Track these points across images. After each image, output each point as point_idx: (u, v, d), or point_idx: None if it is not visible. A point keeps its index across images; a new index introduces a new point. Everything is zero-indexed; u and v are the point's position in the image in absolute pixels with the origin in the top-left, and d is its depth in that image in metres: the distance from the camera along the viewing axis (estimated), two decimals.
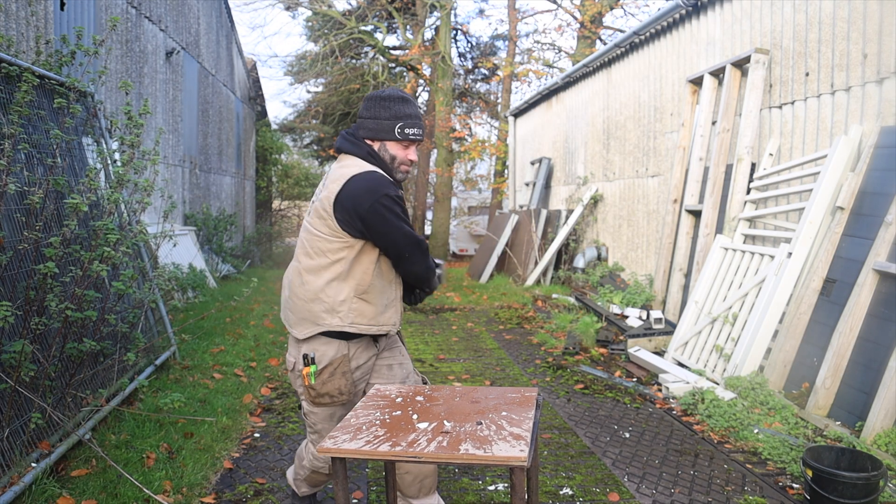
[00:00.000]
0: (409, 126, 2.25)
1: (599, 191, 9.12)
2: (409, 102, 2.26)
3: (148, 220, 5.74)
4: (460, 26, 19.52)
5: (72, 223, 3.13)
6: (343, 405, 2.32)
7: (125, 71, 7.24)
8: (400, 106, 2.24)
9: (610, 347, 5.97)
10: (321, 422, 2.34)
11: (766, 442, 3.64)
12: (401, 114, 2.24)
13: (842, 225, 4.30)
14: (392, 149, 2.27)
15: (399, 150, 2.28)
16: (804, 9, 4.95)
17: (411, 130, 2.25)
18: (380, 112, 2.23)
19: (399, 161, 2.29)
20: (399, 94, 2.25)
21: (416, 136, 2.26)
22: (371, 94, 2.26)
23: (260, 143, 16.35)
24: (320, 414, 2.32)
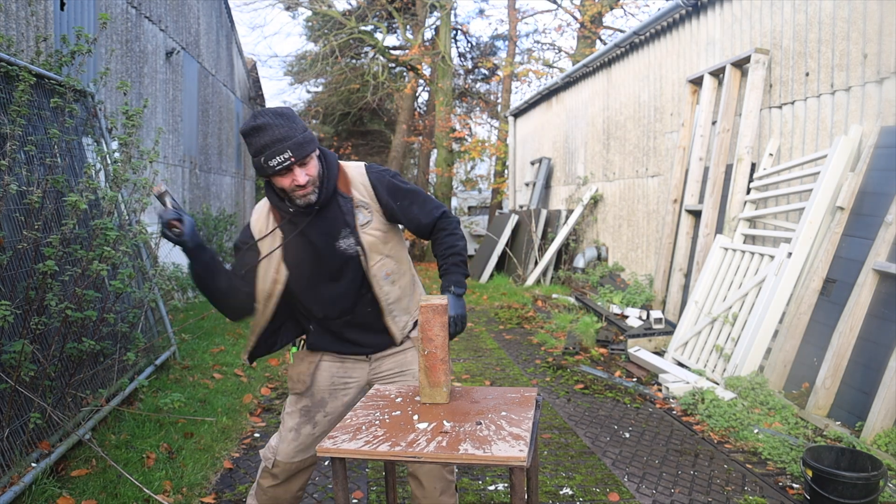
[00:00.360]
0: (269, 157, 1.93)
1: (599, 191, 9.12)
2: (261, 130, 1.93)
3: (148, 220, 5.74)
4: (460, 26, 19.53)
5: (71, 222, 3.13)
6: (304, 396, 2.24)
7: (125, 71, 7.24)
8: (255, 138, 1.94)
9: (610, 347, 5.97)
10: (288, 405, 2.29)
11: (766, 442, 3.64)
12: (259, 146, 1.93)
13: (842, 225, 4.30)
14: (277, 182, 2.00)
15: (281, 180, 1.99)
16: (804, 9, 4.95)
17: (274, 161, 1.93)
18: (249, 149, 1.99)
19: (290, 190, 2.01)
20: (250, 125, 1.95)
21: (281, 166, 1.93)
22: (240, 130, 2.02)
23: None
24: (291, 398, 2.29)
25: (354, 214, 2.11)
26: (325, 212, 2.10)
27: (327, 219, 2.10)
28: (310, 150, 1.97)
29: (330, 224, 2.11)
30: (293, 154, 1.93)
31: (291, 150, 1.93)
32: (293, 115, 2.01)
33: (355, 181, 2.15)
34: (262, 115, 1.96)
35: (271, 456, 2.24)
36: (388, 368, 2.28)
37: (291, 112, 2.01)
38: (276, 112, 1.97)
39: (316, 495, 3.11)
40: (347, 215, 2.11)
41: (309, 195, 2.02)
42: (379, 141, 21.74)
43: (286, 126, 1.93)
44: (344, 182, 2.13)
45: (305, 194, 2.02)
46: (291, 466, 2.22)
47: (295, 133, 1.94)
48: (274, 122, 1.93)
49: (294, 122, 1.97)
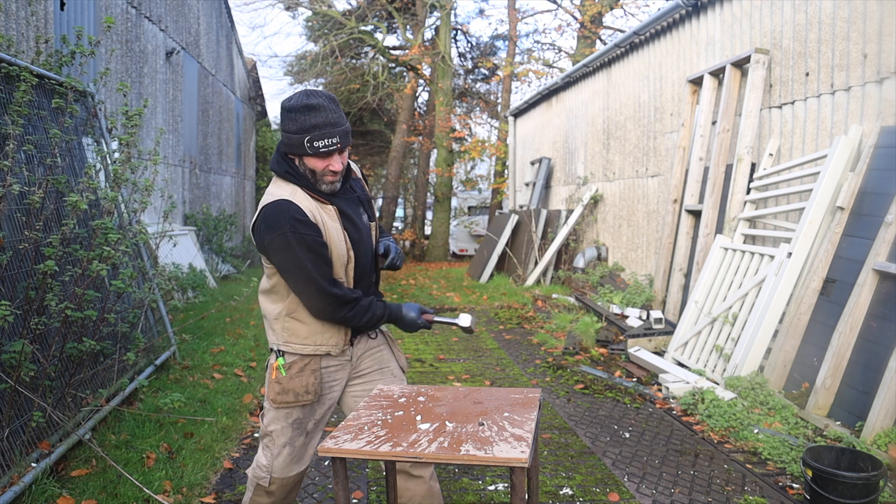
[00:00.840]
0: (317, 138, 1.97)
1: (599, 191, 9.12)
2: (315, 110, 1.96)
3: (148, 220, 5.74)
4: (460, 26, 19.53)
5: (71, 222, 3.13)
6: (303, 407, 2.15)
7: (125, 71, 7.24)
8: (305, 116, 1.96)
9: (610, 347, 5.97)
10: (276, 422, 2.16)
11: (766, 442, 3.64)
12: (307, 125, 1.96)
13: (842, 225, 4.30)
14: (310, 163, 2.04)
15: (317, 162, 2.03)
16: (804, 9, 4.95)
17: (321, 143, 1.97)
18: (288, 125, 2.00)
19: (320, 174, 2.05)
20: (303, 103, 1.97)
21: (327, 149, 1.98)
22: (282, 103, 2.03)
23: (260, 143, 16.35)
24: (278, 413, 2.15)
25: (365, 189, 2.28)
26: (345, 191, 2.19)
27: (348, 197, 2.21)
28: (350, 140, 2.06)
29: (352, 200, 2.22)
30: (340, 141, 2.00)
31: (340, 136, 2.00)
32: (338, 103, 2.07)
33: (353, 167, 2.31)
34: (315, 96, 1.99)
35: (265, 475, 2.18)
36: (367, 367, 2.28)
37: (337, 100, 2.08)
38: (328, 96, 2.01)
39: (316, 495, 3.11)
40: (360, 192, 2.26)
41: (336, 182, 2.10)
42: (379, 141, 21.73)
43: (338, 112, 2.01)
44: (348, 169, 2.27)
45: (334, 181, 2.08)
46: (288, 480, 2.20)
47: (344, 121, 2.02)
48: (328, 105, 1.98)
49: (341, 110, 2.04)
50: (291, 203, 2.02)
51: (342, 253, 2.11)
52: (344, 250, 2.12)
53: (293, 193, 2.06)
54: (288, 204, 2.02)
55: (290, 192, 2.07)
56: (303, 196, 2.07)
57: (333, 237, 2.08)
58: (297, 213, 2.01)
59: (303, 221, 2.01)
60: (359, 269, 2.19)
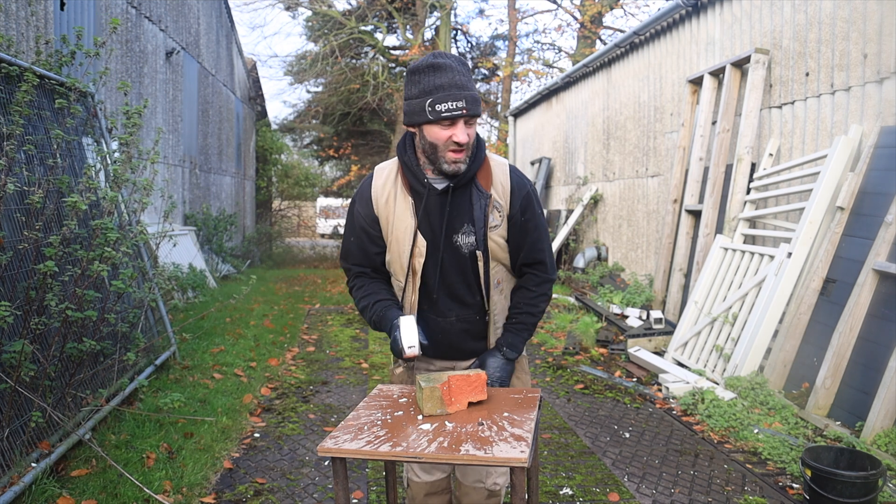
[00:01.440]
0: (440, 101, 1.73)
1: (599, 191, 9.12)
2: (442, 69, 1.74)
3: (148, 220, 5.74)
4: (460, 26, 19.55)
5: (71, 223, 3.13)
6: None
7: (125, 71, 7.24)
8: (429, 77, 1.74)
9: (610, 347, 5.97)
10: None
11: (766, 442, 3.64)
12: (430, 87, 1.74)
13: (842, 225, 4.30)
14: (431, 134, 1.79)
15: (439, 132, 1.77)
16: (804, 9, 4.95)
17: (444, 106, 1.73)
18: (410, 90, 1.79)
19: (442, 147, 1.79)
20: (429, 62, 1.76)
21: (450, 113, 1.73)
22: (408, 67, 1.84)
23: (260, 143, 16.35)
24: None
25: (487, 214, 1.91)
26: (455, 196, 1.90)
27: (454, 205, 1.90)
28: (479, 109, 1.79)
29: (454, 212, 1.91)
30: (467, 106, 1.74)
31: (467, 100, 1.74)
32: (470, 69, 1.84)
33: (496, 178, 1.94)
34: (442, 56, 1.77)
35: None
36: None
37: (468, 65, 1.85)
38: (458, 58, 1.79)
39: (316, 495, 3.11)
40: (477, 211, 1.91)
41: (461, 162, 1.82)
42: (379, 141, 21.73)
43: (467, 76, 1.77)
44: (485, 175, 1.93)
45: (458, 159, 1.81)
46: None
47: (472, 87, 1.78)
48: (456, 66, 1.76)
49: (471, 76, 1.81)
50: (373, 174, 1.98)
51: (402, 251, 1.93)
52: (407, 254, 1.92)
53: (387, 167, 1.98)
54: (369, 176, 1.99)
55: (388, 165, 1.98)
56: (390, 174, 1.95)
57: (398, 231, 1.92)
58: (365, 188, 1.97)
59: (363, 198, 1.96)
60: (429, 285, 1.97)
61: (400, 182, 1.94)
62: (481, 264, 1.94)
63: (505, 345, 1.99)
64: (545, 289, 2.04)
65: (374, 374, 5.31)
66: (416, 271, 1.94)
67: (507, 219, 1.95)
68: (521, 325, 2.02)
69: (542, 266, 2.03)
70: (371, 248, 2.00)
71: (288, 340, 6.37)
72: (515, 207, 1.94)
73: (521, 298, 2.03)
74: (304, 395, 4.72)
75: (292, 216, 21.55)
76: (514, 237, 1.97)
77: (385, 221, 1.96)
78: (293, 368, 5.41)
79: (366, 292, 2.01)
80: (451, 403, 1.73)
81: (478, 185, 1.91)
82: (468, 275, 1.97)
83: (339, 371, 5.39)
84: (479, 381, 1.77)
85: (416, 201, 1.91)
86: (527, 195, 1.96)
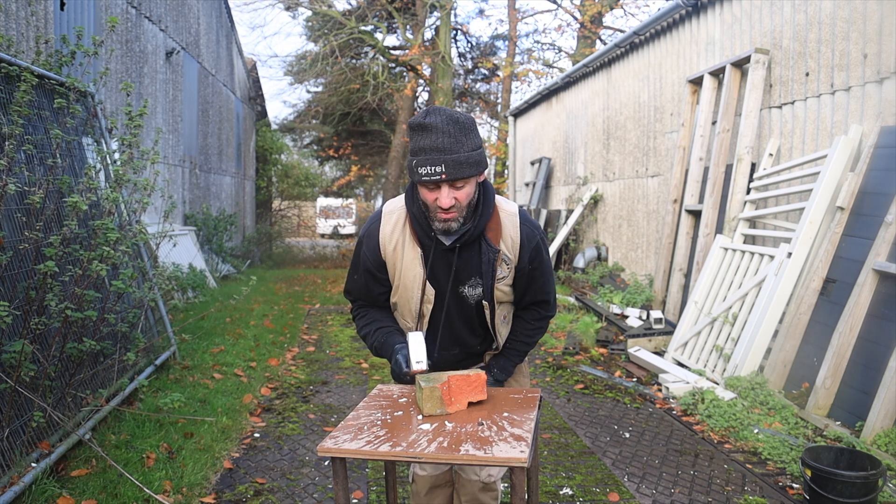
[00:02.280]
0: (421, 164, 1.71)
1: (599, 191, 9.12)
2: (427, 130, 1.70)
3: (148, 220, 5.74)
4: (460, 26, 19.55)
5: (72, 223, 3.13)
6: None
7: (125, 71, 7.24)
8: (417, 137, 1.72)
9: (610, 347, 5.97)
10: None
11: (766, 442, 3.64)
12: (416, 147, 1.73)
13: (842, 225, 4.30)
14: (421, 193, 1.79)
15: (426, 193, 1.77)
16: (804, 9, 4.95)
17: (423, 170, 1.70)
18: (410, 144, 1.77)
19: (431, 208, 1.79)
20: (418, 121, 1.72)
21: (429, 178, 1.71)
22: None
23: (260, 143, 16.36)
24: None
25: (495, 269, 1.92)
26: (462, 251, 1.90)
27: (462, 258, 1.91)
28: (468, 173, 1.73)
29: (462, 264, 1.92)
30: (446, 171, 1.70)
31: (446, 165, 1.69)
32: (470, 127, 1.75)
33: (506, 231, 1.93)
34: (434, 114, 1.73)
35: None
36: None
37: (471, 123, 1.76)
38: (451, 117, 1.73)
39: (316, 495, 3.11)
40: (486, 265, 1.91)
41: (450, 222, 1.79)
42: (379, 141, 21.74)
43: (454, 137, 1.70)
44: (495, 229, 1.91)
45: (446, 219, 1.79)
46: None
47: (459, 149, 1.71)
48: (443, 127, 1.70)
49: (467, 135, 1.73)
50: (380, 220, 1.96)
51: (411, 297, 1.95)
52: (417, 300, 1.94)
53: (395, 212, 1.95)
54: (377, 217, 1.97)
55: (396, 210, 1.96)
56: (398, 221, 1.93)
57: (406, 279, 1.94)
58: (374, 232, 1.96)
59: (371, 243, 1.95)
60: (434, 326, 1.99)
61: (408, 231, 1.92)
62: (488, 313, 1.98)
63: (496, 367, 2.07)
64: (543, 323, 2.11)
65: (374, 374, 5.31)
66: (425, 315, 1.98)
67: (515, 269, 1.97)
68: (514, 351, 2.09)
69: (546, 305, 2.09)
70: (376, 289, 2.03)
71: (288, 340, 6.37)
72: (524, 261, 1.96)
73: (519, 329, 2.09)
74: (304, 395, 4.72)
75: (292, 216, 21.56)
76: (520, 283, 2.00)
77: (392, 267, 1.97)
78: (293, 368, 5.41)
79: (368, 320, 2.05)
80: (450, 403, 1.73)
81: (486, 240, 1.91)
82: (473, 320, 2.02)
83: (339, 371, 5.39)
84: (479, 381, 1.78)
85: (424, 253, 1.91)
86: (536, 247, 1.96)
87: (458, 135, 1.72)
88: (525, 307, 2.08)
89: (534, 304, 2.07)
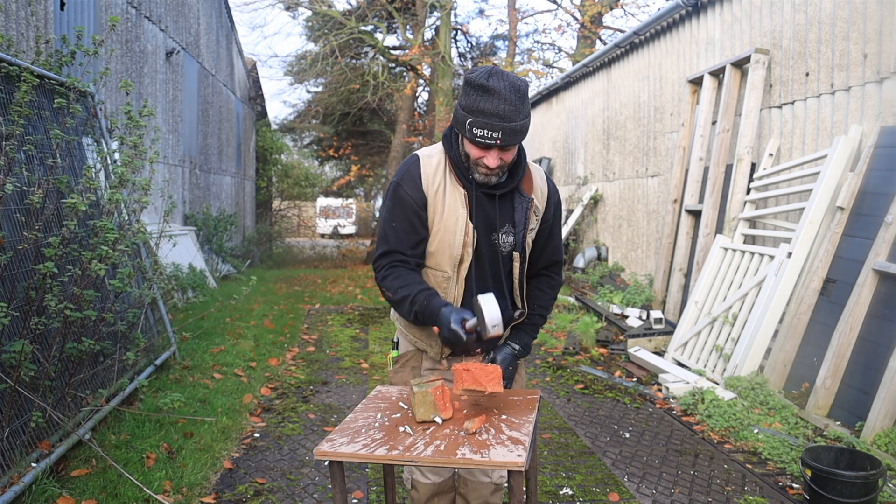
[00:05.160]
0: (478, 126, 1.76)
1: (599, 191, 9.12)
2: (489, 94, 1.74)
3: (148, 220, 5.74)
4: (460, 26, 19.53)
5: (71, 223, 3.13)
6: None
7: (125, 71, 7.24)
8: (477, 97, 1.76)
9: (610, 347, 5.97)
10: None
11: (766, 442, 3.64)
12: (474, 107, 1.76)
13: (842, 225, 4.29)
14: (467, 147, 1.86)
15: (473, 150, 1.84)
16: (804, 9, 4.95)
17: (480, 132, 1.76)
18: (462, 98, 1.81)
19: (473, 162, 1.87)
20: (482, 82, 1.75)
21: (484, 140, 1.77)
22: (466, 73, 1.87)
23: (260, 143, 16.35)
24: None
25: (528, 217, 1.98)
26: (501, 199, 1.96)
27: (498, 206, 1.96)
28: (519, 139, 1.82)
29: (498, 212, 1.96)
30: (502, 137, 1.77)
31: (504, 132, 1.76)
32: (526, 93, 1.80)
33: (536, 184, 2.02)
34: (497, 78, 1.76)
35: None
36: None
37: (526, 89, 1.81)
38: (514, 84, 1.76)
39: (316, 495, 3.11)
40: (518, 213, 1.97)
41: (490, 176, 1.88)
42: (379, 141, 21.72)
43: (514, 106, 1.76)
44: (527, 180, 2.00)
45: (488, 174, 1.87)
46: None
47: (517, 118, 1.77)
48: (506, 94, 1.74)
49: (524, 104, 1.79)
50: (419, 160, 1.96)
51: (453, 241, 1.92)
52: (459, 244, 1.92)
53: (434, 156, 1.97)
54: (416, 159, 1.96)
55: (434, 154, 1.97)
56: (439, 164, 1.95)
57: (448, 221, 1.92)
58: (414, 170, 1.94)
59: (412, 181, 1.92)
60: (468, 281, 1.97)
61: (451, 174, 1.94)
62: (517, 265, 2.01)
63: (519, 344, 2.06)
64: (556, 292, 2.17)
65: (373, 374, 5.31)
66: (465, 261, 1.95)
67: (541, 221, 2.05)
68: (533, 326, 2.11)
69: (558, 267, 2.16)
70: (414, 237, 1.95)
71: (288, 340, 6.37)
72: (550, 212, 2.07)
73: (538, 300, 2.12)
74: (304, 395, 4.72)
75: (292, 216, 21.56)
76: (540, 239, 2.07)
77: (433, 210, 1.94)
78: (293, 368, 5.41)
79: (404, 282, 1.91)
80: (444, 408, 1.70)
81: (521, 190, 1.98)
82: (500, 273, 2.02)
83: (339, 371, 5.39)
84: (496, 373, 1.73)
85: (468, 194, 1.93)
86: (557, 201, 2.10)
87: (518, 103, 1.77)
88: (538, 274, 2.13)
89: (549, 267, 2.13)
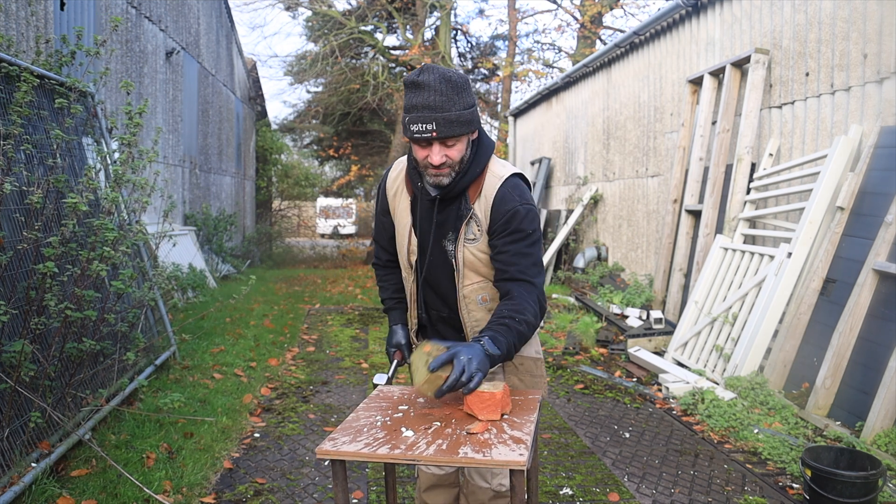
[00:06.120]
0: (413, 121, 1.74)
1: (599, 191, 9.12)
2: (420, 88, 1.73)
3: (148, 220, 5.74)
4: (460, 26, 19.54)
5: (71, 223, 3.13)
6: None
7: (125, 71, 7.24)
8: (410, 94, 1.75)
9: (610, 347, 5.97)
10: None
11: (766, 442, 3.64)
12: (408, 104, 1.75)
13: (842, 225, 4.30)
14: (413, 148, 1.83)
15: (417, 150, 1.81)
16: (804, 9, 4.95)
17: (415, 127, 1.74)
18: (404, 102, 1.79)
19: (421, 163, 1.83)
20: (412, 79, 1.74)
21: (420, 135, 1.74)
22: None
23: (260, 143, 16.35)
24: None
25: (464, 225, 1.90)
26: (442, 205, 1.92)
27: (442, 211, 1.93)
28: (459, 132, 1.75)
29: (443, 218, 1.93)
30: (437, 129, 1.72)
31: (437, 123, 1.72)
32: (463, 85, 1.76)
33: (484, 192, 1.89)
34: (427, 72, 1.74)
35: None
36: None
37: (463, 82, 1.77)
38: (444, 76, 1.74)
39: (316, 495, 3.11)
40: (458, 221, 1.91)
41: (441, 177, 1.82)
42: (379, 141, 21.72)
43: (446, 96, 1.72)
44: (476, 188, 1.90)
45: (437, 174, 1.81)
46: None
47: (451, 107, 1.73)
48: (436, 85, 1.72)
49: (459, 94, 1.74)
50: (393, 166, 2.10)
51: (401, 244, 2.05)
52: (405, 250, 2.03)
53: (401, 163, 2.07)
54: (392, 165, 2.11)
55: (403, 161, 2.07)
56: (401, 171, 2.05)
57: (399, 226, 2.06)
58: (385, 176, 2.11)
59: (382, 186, 2.10)
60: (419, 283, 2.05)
61: (403, 180, 2.04)
62: (456, 275, 1.96)
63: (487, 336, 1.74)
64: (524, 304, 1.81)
65: (373, 374, 5.31)
66: (412, 266, 2.04)
67: (488, 234, 1.89)
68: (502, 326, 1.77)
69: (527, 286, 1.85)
70: (385, 236, 2.18)
71: (288, 340, 6.37)
72: (496, 223, 1.87)
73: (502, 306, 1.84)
74: (304, 395, 4.72)
75: (292, 216, 21.55)
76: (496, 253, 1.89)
77: (392, 213, 2.09)
78: (293, 368, 5.41)
79: (381, 285, 2.26)
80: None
81: (466, 198, 1.91)
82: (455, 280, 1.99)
83: (339, 371, 5.39)
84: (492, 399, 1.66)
85: (413, 201, 2.01)
86: (512, 215, 1.85)
87: (451, 93, 1.74)
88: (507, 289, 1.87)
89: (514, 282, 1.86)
